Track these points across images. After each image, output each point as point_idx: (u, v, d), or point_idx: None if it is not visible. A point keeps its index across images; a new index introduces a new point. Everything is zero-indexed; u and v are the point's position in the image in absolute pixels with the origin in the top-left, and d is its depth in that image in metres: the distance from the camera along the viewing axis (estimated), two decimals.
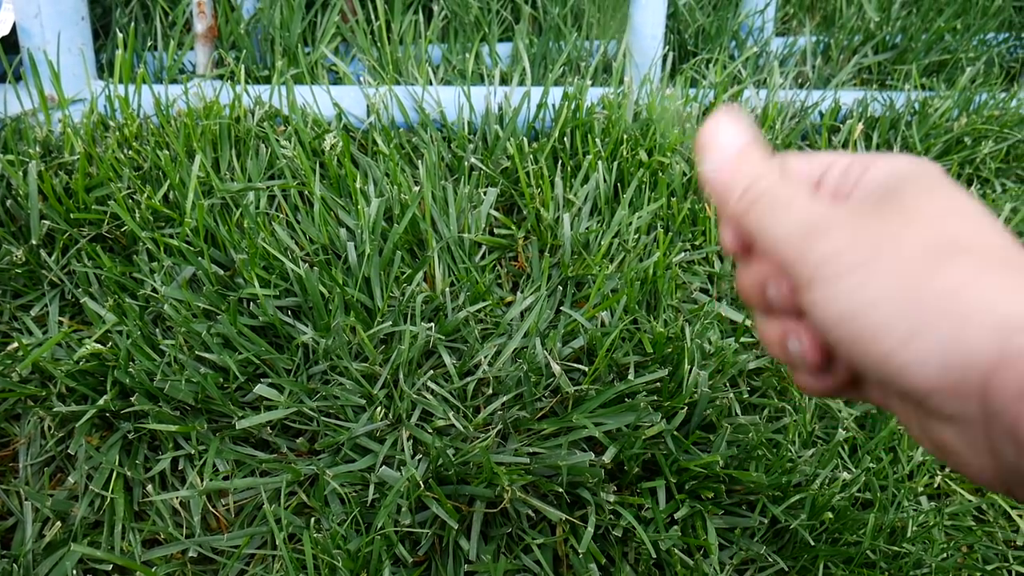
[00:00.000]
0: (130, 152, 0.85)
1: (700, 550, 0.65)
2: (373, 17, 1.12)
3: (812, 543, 0.66)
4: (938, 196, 0.33)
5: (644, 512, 0.66)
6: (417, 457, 0.67)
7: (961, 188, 0.34)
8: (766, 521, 0.68)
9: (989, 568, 0.71)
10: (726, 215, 0.36)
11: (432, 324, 0.73)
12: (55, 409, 0.67)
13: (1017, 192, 1.03)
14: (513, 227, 0.85)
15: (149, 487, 0.65)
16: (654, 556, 0.63)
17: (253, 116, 0.92)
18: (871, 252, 0.31)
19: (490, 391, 0.72)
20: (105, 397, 0.67)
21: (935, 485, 0.75)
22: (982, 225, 0.32)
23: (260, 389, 0.68)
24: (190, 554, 0.63)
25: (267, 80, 1.06)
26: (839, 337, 0.31)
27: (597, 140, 0.92)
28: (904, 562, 0.68)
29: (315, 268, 0.75)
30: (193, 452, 0.67)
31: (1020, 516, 0.76)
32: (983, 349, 0.28)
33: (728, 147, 0.37)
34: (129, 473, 0.66)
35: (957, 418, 0.29)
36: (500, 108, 0.98)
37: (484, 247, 0.85)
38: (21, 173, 0.78)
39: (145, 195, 0.79)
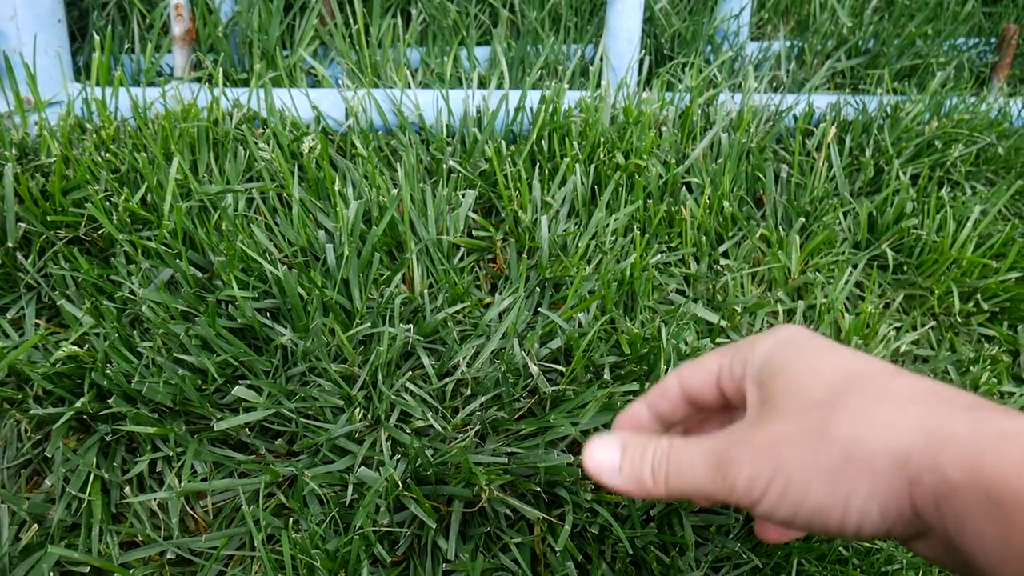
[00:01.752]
0: (107, 154, 0.85)
1: (676, 547, 0.66)
2: (352, 20, 1.12)
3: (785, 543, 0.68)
4: (807, 353, 0.39)
5: (620, 510, 0.67)
6: (396, 458, 0.68)
7: (821, 336, 0.41)
8: (741, 518, 0.69)
9: None
10: (664, 499, 0.42)
11: (411, 325, 0.74)
12: (32, 412, 0.67)
13: (986, 195, 1.05)
14: (491, 229, 0.86)
15: (127, 489, 0.65)
16: (630, 553, 0.64)
17: (231, 119, 0.93)
18: (774, 460, 0.36)
19: (468, 392, 0.72)
20: (82, 399, 0.67)
21: None
22: (852, 360, 0.38)
23: (238, 391, 0.68)
24: (168, 556, 0.63)
25: (245, 83, 1.06)
26: (800, 527, 0.36)
27: (574, 143, 0.93)
28: (876, 559, 0.69)
29: (294, 270, 0.75)
30: (171, 454, 0.67)
31: None
32: (896, 486, 0.33)
33: (611, 461, 0.42)
34: (107, 475, 0.66)
35: (920, 540, 0.33)
36: (478, 111, 0.99)
37: (463, 249, 0.85)
38: None
39: (123, 197, 0.79)
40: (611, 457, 0.42)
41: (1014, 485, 0.29)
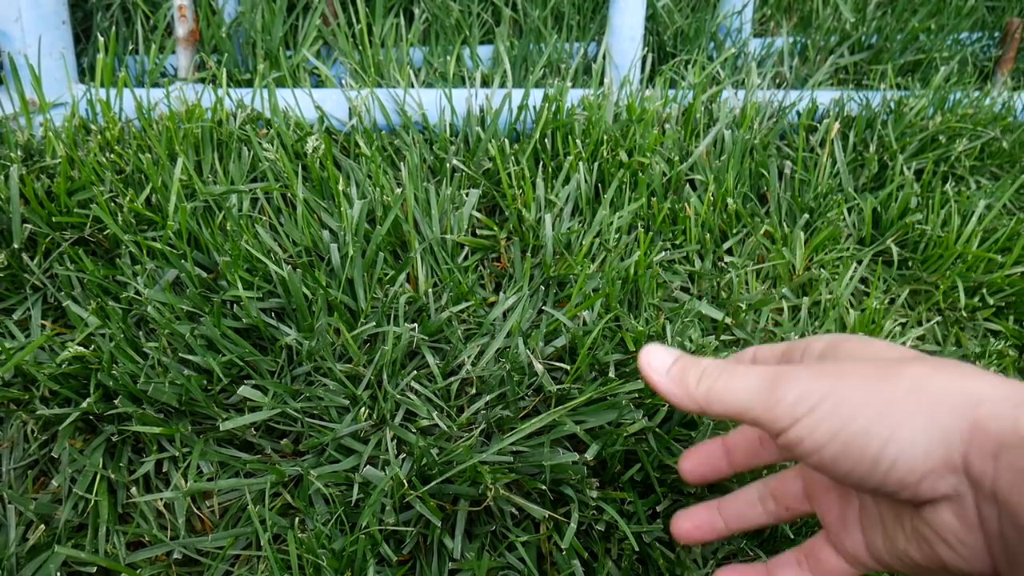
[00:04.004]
0: (112, 155, 0.85)
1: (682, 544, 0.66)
2: (354, 20, 1.13)
3: (793, 537, 0.67)
4: (869, 345, 0.40)
5: (627, 506, 0.67)
6: (401, 457, 0.68)
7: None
8: None
9: None
10: (687, 408, 0.43)
11: (415, 325, 0.74)
12: (38, 412, 0.67)
13: (991, 189, 1.05)
14: (495, 228, 0.86)
15: (133, 489, 0.65)
16: (637, 549, 0.64)
17: (235, 119, 0.93)
18: (834, 380, 0.35)
19: (473, 391, 0.72)
20: (88, 400, 0.67)
21: None
22: (916, 352, 0.38)
23: (244, 391, 0.68)
24: (175, 556, 0.63)
25: (249, 83, 1.06)
26: (826, 458, 0.35)
27: (578, 141, 0.93)
28: None
29: (298, 270, 0.75)
30: (177, 454, 0.67)
31: None
32: (956, 425, 0.31)
33: (662, 361, 0.43)
34: (113, 475, 0.66)
35: (950, 497, 0.32)
36: (481, 110, 0.99)
37: (467, 248, 0.85)
38: (2, 177, 0.78)
39: (127, 198, 0.79)
40: (664, 358, 0.43)
41: None
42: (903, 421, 0.33)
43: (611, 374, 0.72)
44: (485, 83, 1.08)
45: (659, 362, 0.43)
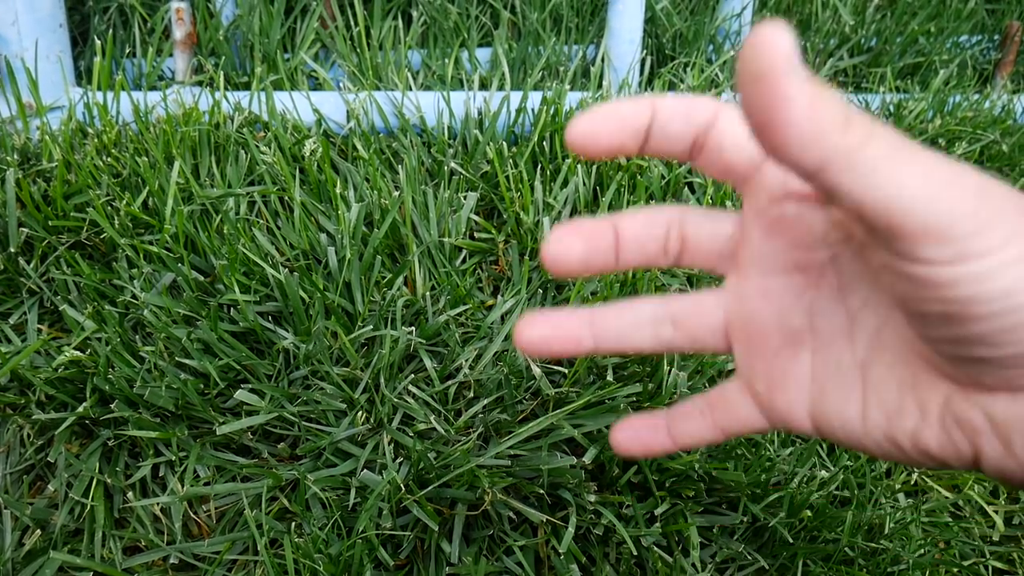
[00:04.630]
0: (109, 159, 0.85)
1: (680, 545, 0.66)
2: (352, 23, 1.12)
3: (791, 541, 0.67)
4: None
5: (625, 510, 0.67)
6: (398, 461, 0.67)
7: None
8: (746, 520, 0.68)
9: (966, 563, 0.72)
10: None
11: (413, 328, 0.74)
12: (34, 417, 0.67)
13: None
14: (493, 231, 0.85)
15: (130, 494, 0.65)
16: (635, 554, 0.64)
17: (233, 122, 0.93)
18: None
19: (471, 394, 0.72)
20: (85, 404, 0.67)
21: (912, 482, 0.76)
22: None
23: (241, 395, 0.68)
24: (171, 561, 0.63)
25: (247, 86, 1.06)
26: (992, 325, 0.26)
27: None
28: (882, 559, 0.69)
29: (295, 273, 0.75)
30: (174, 458, 0.67)
31: (996, 512, 0.77)
32: None
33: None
34: (109, 480, 0.65)
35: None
36: (480, 113, 0.99)
37: (464, 251, 0.85)
38: None
39: (124, 202, 0.79)
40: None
41: None
42: None
43: (609, 377, 0.72)
44: (483, 86, 1.08)
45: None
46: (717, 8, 1.27)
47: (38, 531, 0.63)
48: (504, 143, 0.92)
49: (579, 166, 0.89)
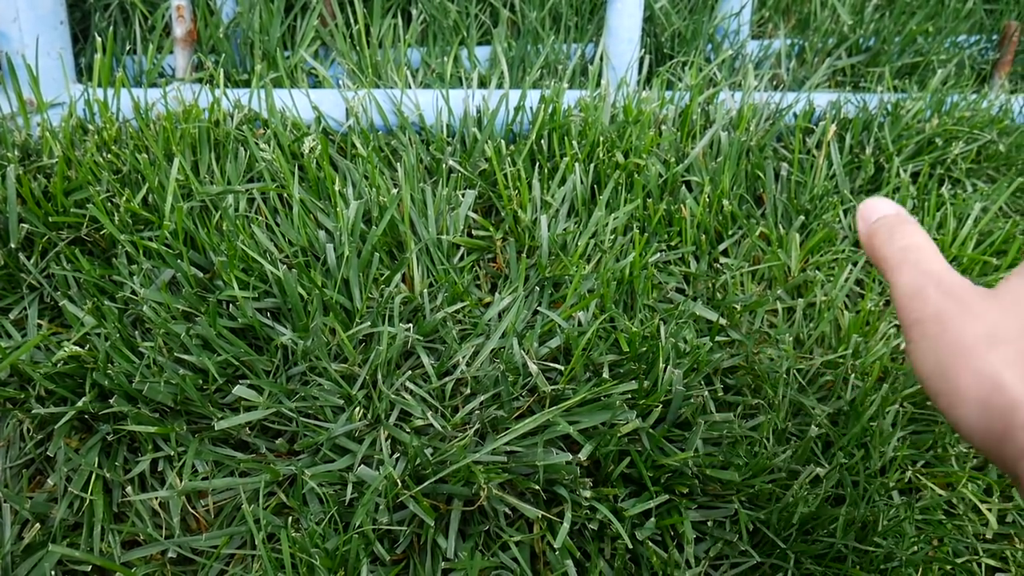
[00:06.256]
0: (109, 155, 0.85)
1: (675, 541, 0.66)
2: (352, 21, 1.13)
3: (783, 544, 0.68)
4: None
5: (620, 504, 0.67)
6: (395, 456, 0.68)
7: None
8: (740, 516, 0.69)
9: (959, 561, 0.72)
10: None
11: (410, 325, 0.74)
12: (34, 411, 0.67)
13: (987, 192, 1.05)
14: (491, 229, 0.86)
15: (128, 488, 0.66)
16: (629, 549, 0.64)
17: (232, 119, 0.93)
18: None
19: (468, 391, 0.73)
20: (84, 399, 0.67)
21: (906, 480, 0.77)
22: None
23: (239, 390, 0.69)
24: (169, 555, 0.64)
25: (246, 84, 1.06)
26: None
27: (574, 142, 0.93)
28: (875, 555, 0.69)
29: (294, 270, 0.76)
30: (172, 453, 0.67)
31: (989, 510, 0.77)
32: None
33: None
34: (108, 475, 0.66)
35: None
36: (478, 111, 0.99)
37: (462, 248, 0.85)
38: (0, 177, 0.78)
39: (124, 198, 0.80)
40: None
41: None
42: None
43: (605, 375, 0.72)
44: (482, 84, 1.08)
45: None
46: (716, 7, 1.28)
47: (37, 525, 0.63)
48: (502, 141, 0.93)
49: (577, 165, 0.90)
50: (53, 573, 0.61)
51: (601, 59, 1.11)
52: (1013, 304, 0.36)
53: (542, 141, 0.95)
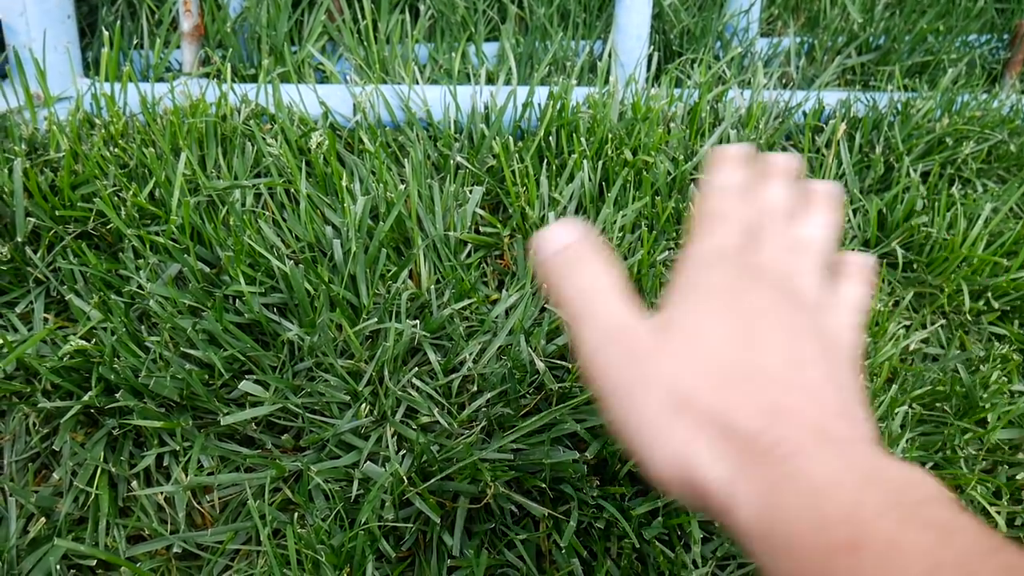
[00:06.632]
0: (116, 150, 0.85)
1: (682, 540, 0.66)
2: (360, 16, 1.12)
3: None
4: None
5: (627, 503, 0.67)
6: (401, 453, 0.68)
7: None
8: None
9: None
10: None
11: (417, 321, 0.74)
12: (40, 405, 0.67)
13: (997, 193, 1.05)
14: (499, 225, 0.85)
15: (134, 483, 0.65)
16: (636, 548, 0.64)
17: (239, 114, 0.93)
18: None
19: (475, 388, 0.72)
20: (90, 393, 0.67)
21: None
22: None
23: (245, 386, 0.68)
24: (175, 550, 0.63)
25: (253, 79, 1.06)
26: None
27: (582, 139, 0.93)
28: None
29: (301, 265, 0.75)
30: (178, 448, 0.67)
31: (998, 513, 0.77)
32: None
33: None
34: (114, 469, 0.66)
35: None
36: (486, 107, 0.99)
37: (470, 245, 0.85)
38: (6, 171, 0.78)
39: (131, 192, 0.79)
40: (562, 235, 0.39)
41: None
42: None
43: None
44: (490, 80, 1.08)
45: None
46: (725, 4, 1.27)
47: (43, 519, 0.63)
48: (510, 138, 0.92)
49: (585, 162, 0.89)
50: (58, 567, 0.61)
51: (610, 56, 1.10)
52: (683, 343, 0.35)
53: (550, 138, 0.94)
